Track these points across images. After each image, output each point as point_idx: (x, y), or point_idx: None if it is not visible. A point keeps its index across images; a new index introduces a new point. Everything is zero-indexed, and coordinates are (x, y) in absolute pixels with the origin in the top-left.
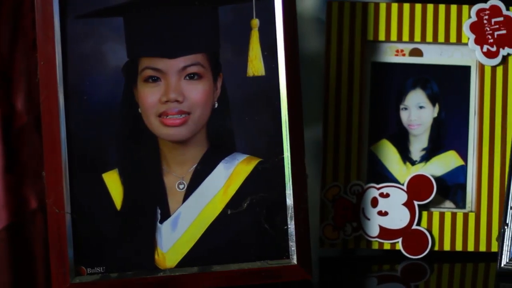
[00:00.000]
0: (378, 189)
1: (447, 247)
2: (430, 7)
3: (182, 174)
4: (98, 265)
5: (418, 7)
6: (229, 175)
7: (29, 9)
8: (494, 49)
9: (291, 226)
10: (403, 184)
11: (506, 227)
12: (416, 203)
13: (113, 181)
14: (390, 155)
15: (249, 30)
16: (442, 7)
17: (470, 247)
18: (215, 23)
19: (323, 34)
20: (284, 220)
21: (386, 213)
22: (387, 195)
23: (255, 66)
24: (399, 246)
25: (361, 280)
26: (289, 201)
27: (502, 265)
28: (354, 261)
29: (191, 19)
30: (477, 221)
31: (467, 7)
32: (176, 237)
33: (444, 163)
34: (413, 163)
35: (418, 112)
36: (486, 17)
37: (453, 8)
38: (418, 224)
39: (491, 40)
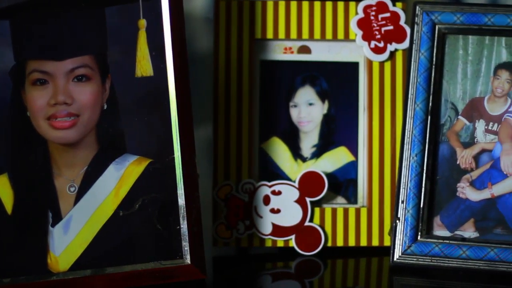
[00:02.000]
0: (270, 186)
1: (340, 242)
2: (317, 4)
3: (73, 177)
4: None
5: (306, 4)
6: (120, 177)
7: None
8: (381, 44)
9: (184, 226)
10: (294, 181)
11: (398, 221)
12: (308, 199)
13: (3, 186)
14: (281, 153)
15: (137, 30)
16: (329, 4)
17: (363, 242)
18: (102, 25)
19: (213, 33)
20: (176, 220)
21: (278, 211)
22: (279, 193)
23: (143, 66)
24: (293, 243)
25: (256, 278)
26: (181, 201)
27: (395, 259)
28: (248, 259)
29: (77, 21)
30: (369, 216)
31: (354, 4)
32: (68, 240)
33: (335, 159)
34: (304, 160)
35: (308, 109)
36: (373, 13)
37: (340, 5)
38: (311, 220)
39: (379, 36)
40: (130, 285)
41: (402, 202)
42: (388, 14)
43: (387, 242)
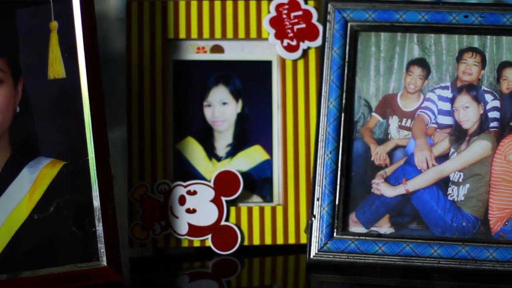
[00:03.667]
0: (185, 186)
1: (256, 241)
2: (229, 3)
3: None
4: None
5: (218, 4)
6: (34, 180)
7: None
8: (294, 43)
9: (99, 228)
10: (210, 181)
11: (313, 218)
12: (223, 199)
13: None
14: (195, 153)
15: (48, 32)
16: (241, 3)
17: (279, 240)
18: (13, 27)
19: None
20: (92, 222)
21: (194, 211)
22: (195, 193)
23: (56, 68)
24: (209, 243)
25: (173, 278)
26: (96, 202)
27: (312, 256)
28: (165, 260)
29: None
30: (285, 214)
31: (266, 3)
32: None
33: (249, 158)
34: (219, 159)
35: (222, 109)
36: (286, 11)
37: (252, 4)
38: (227, 220)
39: (291, 34)
40: None
41: (318, 199)
42: (300, 13)
43: (303, 239)
